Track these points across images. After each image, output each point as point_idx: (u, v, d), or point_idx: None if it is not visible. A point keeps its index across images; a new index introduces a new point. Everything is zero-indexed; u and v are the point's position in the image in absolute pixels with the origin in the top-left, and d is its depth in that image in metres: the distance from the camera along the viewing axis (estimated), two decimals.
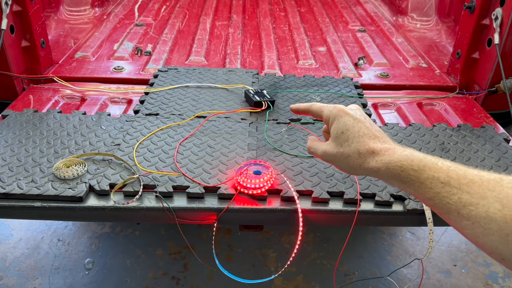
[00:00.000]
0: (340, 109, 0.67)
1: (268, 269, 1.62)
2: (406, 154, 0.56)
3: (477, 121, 1.28)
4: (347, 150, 0.63)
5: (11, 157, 0.99)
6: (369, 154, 0.60)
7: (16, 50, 1.34)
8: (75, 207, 0.88)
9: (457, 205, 0.47)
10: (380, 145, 0.60)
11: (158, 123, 1.16)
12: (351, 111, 0.66)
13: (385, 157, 0.58)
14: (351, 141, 0.63)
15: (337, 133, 0.65)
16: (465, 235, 0.47)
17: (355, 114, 0.65)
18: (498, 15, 1.29)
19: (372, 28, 2.05)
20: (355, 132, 0.63)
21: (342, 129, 0.64)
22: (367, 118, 0.66)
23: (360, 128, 0.63)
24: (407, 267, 1.64)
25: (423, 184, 0.51)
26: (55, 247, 1.68)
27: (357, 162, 0.61)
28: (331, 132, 0.67)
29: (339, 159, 0.64)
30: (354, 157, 0.62)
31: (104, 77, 1.48)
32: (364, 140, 0.62)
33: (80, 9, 2.03)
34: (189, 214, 0.90)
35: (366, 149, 0.60)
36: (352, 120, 0.64)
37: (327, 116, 0.69)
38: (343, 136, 0.64)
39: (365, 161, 0.60)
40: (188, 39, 1.86)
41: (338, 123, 0.65)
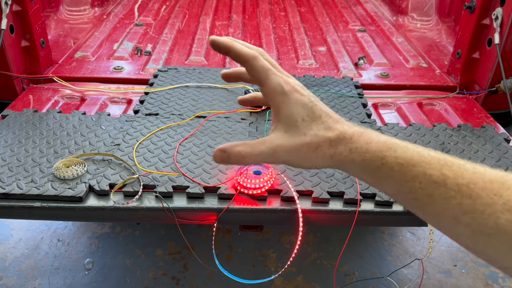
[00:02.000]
0: (292, 87, 0.48)
1: (268, 269, 1.62)
2: (384, 141, 0.44)
3: (477, 121, 1.27)
4: (316, 140, 0.46)
5: (10, 157, 0.99)
6: (340, 140, 0.46)
7: (16, 50, 1.34)
8: (75, 207, 0.88)
9: (455, 211, 0.39)
10: (348, 128, 0.47)
11: (158, 123, 1.16)
12: (303, 89, 0.49)
13: (360, 144, 0.45)
14: (317, 128, 0.47)
15: (295, 119, 0.47)
16: (457, 240, 0.41)
17: (309, 95, 0.49)
18: (498, 15, 1.29)
19: (372, 28, 2.04)
20: (317, 116, 0.47)
21: (301, 115, 0.47)
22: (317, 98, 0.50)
23: (320, 111, 0.48)
24: (407, 267, 1.64)
25: (410, 183, 0.41)
26: (55, 247, 1.68)
27: (328, 153, 0.46)
28: (281, 117, 0.48)
29: (305, 154, 0.47)
30: (324, 148, 0.46)
31: (104, 77, 1.48)
32: (329, 124, 0.47)
33: (80, 9, 2.03)
34: (189, 214, 0.90)
35: (337, 135, 0.46)
36: (309, 103, 0.48)
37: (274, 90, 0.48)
38: (304, 123, 0.47)
39: (336, 150, 0.46)
40: (188, 39, 1.85)
41: (294, 106, 0.48)
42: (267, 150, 0.48)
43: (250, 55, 0.49)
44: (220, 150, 0.48)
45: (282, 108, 0.48)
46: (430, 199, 0.41)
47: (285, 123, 0.48)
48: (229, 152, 0.48)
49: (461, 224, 0.39)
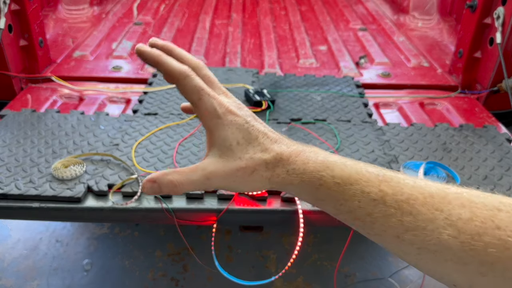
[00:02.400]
0: (226, 109, 0.45)
1: (269, 270, 1.61)
2: (321, 161, 0.43)
3: (479, 121, 1.26)
4: (251, 163, 0.44)
5: (9, 157, 0.98)
6: (277, 162, 0.44)
7: (14, 49, 1.33)
8: (74, 208, 0.87)
9: (397, 229, 0.38)
10: (286, 148, 0.45)
11: (157, 122, 1.15)
12: (239, 110, 0.46)
13: (297, 166, 0.43)
14: (252, 151, 0.44)
15: (230, 143, 0.45)
16: (403, 258, 0.40)
17: (245, 115, 0.46)
18: (500, 14, 1.28)
19: (373, 27, 2.04)
20: (253, 138, 0.45)
21: (236, 138, 0.45)
22: (255, 117, 0.47)
23: (257, 131, 0.45)
24: (409, 268, 1.63)
25: (348, 202, 0.40)
26: (54, 248, 1.67)
27: (264, 176, 0.44)
28: (217, 141, 0.45)
29: (241, 178, 0.45)
30: (261, 170, 0.44)
31: (102, 77, 1.47)
32: (266, 146, 0.45)
33: (79, 8, 2.02)
34: (188, 215, 0.89)
35: (273, 156, 0.44)
36: (245, 124, 0.45)
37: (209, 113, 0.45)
38: (239, 146, 0.45)
39: (273, 172, 0.44)
40: (187, 38, 1.84)
41: (229, 129, 0.45)
42: (200, 178, 0.45)
43: (181, 73, 0.44)
44: (149, 180, 0.44)
45: (215, 132, 0.45)
46: (370, 218, 0.39)
47: (219, 147, 0.45)
48: (160, 182, 0.44)
49: (404, 242, 0.38)
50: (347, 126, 1.17)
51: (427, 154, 1.07)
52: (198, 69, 0.46)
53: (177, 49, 0.46)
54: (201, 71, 0.47)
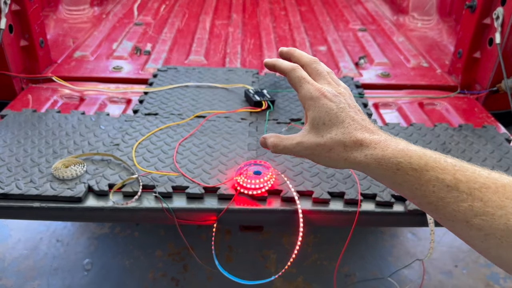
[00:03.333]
0: (321, 93, 0.55)
1: (268, 270, 1.61)
2: (401, 149, 0.48)
3: (478, 121, 1.27)
4: (330, 142, 0.53)
5: (9, 157, 0.99)
6: (356, 146, 0.51)
7: (14, 49, 1.33)
8: (74, 208, 0.87)
9: (467, 214, 0.41)
10: (369, 136, 0.51)
11: (158, 123, 1.15)
12: (334, 96, 0.55)
13: (376, 151, 0.49)
14: (335, 132, 0.53)
15: (317, 122, 0.55)
16: (472, 245, 0.43)
17: (339, 102, 0.55)
18: (500, 15, 1.29)
19: (373, 27, 2.04)
20: (339, 121, 0.53)
21: (323, 119, 0.54)
22: (352, 105, 0.56)
23: (345, 117, 0.53)
24: (408, 268, 1.63)
25: (423, 186, 0.44)
26: (54, 247, 1.67)
27: (341, 156, 0.52)
28: (308, 119, 0.56)
29: (320, 152, 0.54)
30: (338, 150, 0.52)
31: (103, 77, 1.47)
32: (349, 130, 0.52)
33: (79, 8, 2.02)
34: (188, 215, 0.89)
35: (353, 141, 0.51)
36: (335, 109, 0.54)
37: (304, 96, 0.57)
38: (325, 126, 0.54)
39: (351, 154, 0.51)
40: (187, 38, 1.85)
41: (318, 111, 0.55)
42: (290, 144, 0.58)
43: (287, 67, 0.59)
44: (263, 138, 0.62)
45: (309, 111, 0.56)
46: (442, 202, 0.43)
47: (309, 124, 0.56)
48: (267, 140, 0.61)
49: (473, 228, 0.41)
50: None
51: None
52: (308, 64, 0.60)
53: (296, 51, 0.62)
54: (311, 65, 0.60)
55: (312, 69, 0.59)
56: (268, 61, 0.62)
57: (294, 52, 0.62)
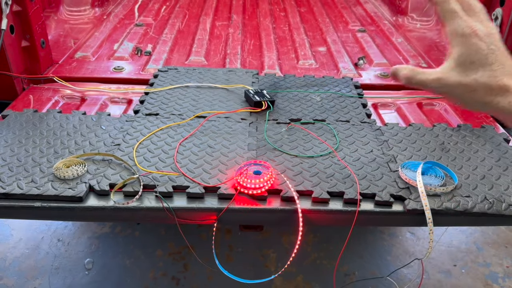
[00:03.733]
0: (473, 30, 0.53)
1: (268, 269, 1.62)
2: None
3: (477, 121, 1.27)
4: (475, 83, 0.52)
5: (11, 157, 0.99)
6: (502, 92, 0.51)
7: (16, 50, 1.34)
8: (75, 207, 0.88)
9: None
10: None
11: (158, 123, 1.16)
12: (486, 36, 0.53)
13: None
14: (481, 73, 0.52)
15: (464, 60, 0.53)
16: None
17: (490, 43, 0.53)
18: (498, 15, 1.29)
19: (372, 28, 2.05)
20: (488, 63, 0.52)
21: (472, 58, 0.53)
22: (503, 48, 0.54)
23: (494, 59, 0.52)
24: (407, 267, 1.64)
25: None
26: (55, 247, 1.68)
27: (484, 99, 0.52)
28: (455, 56, 0.54)
29: (461, 92, 0.53)
30: (481, 92, 0.52)
31: (104, 77, 1.48)
32: (497, 74, 0.51)
33: (80, 9, 2.03)
34: (189, 214, 0.90)
35: (499, 86, 0.51)
36: (486, 49, 0.52)
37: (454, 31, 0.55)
38: (472, 66, 0.52)
39: (494, 99, 0.51)
40: (188, 39, 1.85)
41: (468, 49, 0.53)
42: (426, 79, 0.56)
43: None
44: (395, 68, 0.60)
45: (457, 47, 0.54)
46: None
47: (455, 61, 0.54)
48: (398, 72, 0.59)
49: None
50: (346, 126, 1.18)
51: (425, 154, 1.08)
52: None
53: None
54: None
55: (465, 1, 0.56)
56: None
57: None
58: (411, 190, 0.93)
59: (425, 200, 0.88)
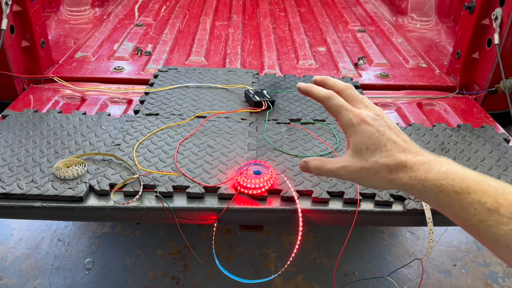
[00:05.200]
0: (361, 119, 0.56)
1: (268, 269, 1.62)
2: (444, 171, 0.49)
3: (477, 121, 1.28)
4: (375, 165, 0.54)
5: (11, 157, 0.99)
6: (401, 168, 0.53)
7: (16, 50, 1.34)
8: (75, 207, 0.88)
9: (507, 238, 0.41)
10: (412, 157, 0.53)
11: (158, 123, 1.16)
12: (374, 120, 0.57)
13: (419, 173, 0.50)
14: (379, 156, 0.54)
15: (360, 147, 0.56)
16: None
17: (379, 125, 0.56)
18: (498, 15, 1.29)
19: (372, 28, 2.05)
20: (382, 145, 0.55)
21: (366, 144, 0.55)
22: (392, 126, 0.58)
23: (386, 140, 0.55)
24: (407, 267, 1.64)
25: (465, 209, 0.45)
26: (55, 247, 1.68)
27: (387, 178, 0.54)
28: (351, 145, 0.58)
29: (366, 176, 0.56)
30: (383, 173, 0.54)
31: (104, 77, 1.48)
32: (393, 153, 0.54)
33: (80, 9, 2.03)
34: (189, 214, 0.90)
35: (397, 163, 0.53)
36: (376, 133, 0.55)
37: (345, 123, 0.58)
38: (368, 151, 0.55)
39: (396, 176, 0.53)
40: (188, 39, 1.86)
41: (360, 136, 0.56)
42: (334, 168, 0.59)
43: (325, 96, 0.60)
44: (303, 161, 0.63)
45: (350, 138, 0.57)
46: (483, 225, 0.43)
47: (352, 150, 0.57)
48: (308, 163, 0.62)
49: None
50: None
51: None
52: (344, 90, 0.61)
53: (330, 79, 0.63)
54: (346, 91, 0.61)
55: (347, 95, 0.60)
56: (302, 87, 0.63)
57: (328, 80, 0.63)
58: None
59: None
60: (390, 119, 0.60)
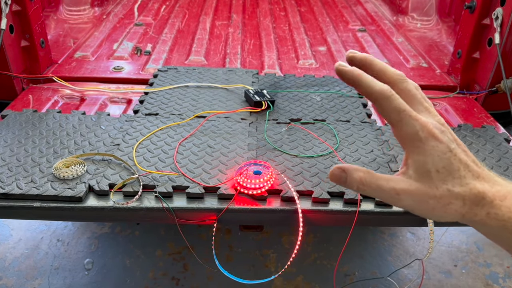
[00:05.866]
0: (430, 132, 0.43)
1: (268, 269, 1.62)
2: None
3: (477, 121, 1.27)
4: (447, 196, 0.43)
5: (10, 157, 0.99)
6: (477, 201, 0.42)
7: (15, 50, 1.34)
8: (75, 207, 0.88)
9: None
10: (489, 188, 0.43)
11: (158, 123, 1.16)
12: (442, 134, 0.43)
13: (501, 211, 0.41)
14: (451, 184, 0.43)
15: (429, 170, 0.43)
16: None
17: (448, 141, 0.43)
18: (499, 15, 1.29)
19: (372, 28, 2.04)
20: (455, 169, 0.43)
21: (436, 166, 0.43)
22: (458, 140, 0.45)
23: (459, 163, 0.43)
24: (408, 268, 1.64)
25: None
26: (55, 247, 1.68)
27: (459, 212, 0.43)
28: (414, 164, 0.44)
29: (433, 207, 0.43)
30: (456, 206, 0.43)
31: (103, 77, 1.48)
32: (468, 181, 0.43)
33: (80, 8, 2.03)
34: (189, 214, 0.90)
35: (474, 194, 0.42)
36: (448, 152, 0.43)
37: (408, 135, 0.43)
38: (439, 175, 0.43)
39: (471, 211, 0.43)
40: (188, 39, 1.85)
41: (429, 155, 0.43)
42: (390, 189, 0.44)
43: (381, 94, 0.43)
44: (340, 168, 0.46)
45: (415, 155, 0.44)
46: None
47: (416, 170, 0.44)
48: (349, 174, 0.45)
49: None
50: (346, 126, 1.18)
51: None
52: (398, 83, 0.46)
53: (377, 62, 0.46)
54: (401, 84, 0.46)
55: (403, 89, 0.46)
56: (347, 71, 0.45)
57: (373, 62, 0.46)
58: None
59: None
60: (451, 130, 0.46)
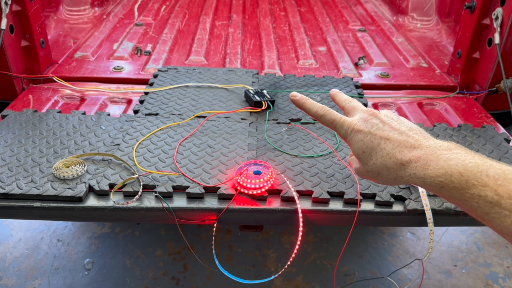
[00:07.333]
0: (353, 128, 0.60)
1: (268, 269, 1.62)
2: (442, 166, 0.48)
3: (477, 121, 1.27)
4: (375, 167, 0.57)
5: (10, 157, 0.99)
6: (398, 167, 0.54)
7: (15, 50, 1.34)
8: (75, 207, 0.88)
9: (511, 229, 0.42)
10: (407, 153, 0.53)
11: (158, 123, 1.16)
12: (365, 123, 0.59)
13: (417, 171, 0.51)
14: (375, 157, 0.57)
15: (358, 153, 0.60)
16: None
17: (370, 126, 0.59)
18: (499, 15, 1.29)
19: (372, 28, 2.04)
20: (376, 145, 0.57)
21: (362, 149, 0.58)
22: (387, 121, 0.59)
23: (379, 140, 0.57)
24: (408, 268, 1.64)
25: (468, 202, 0.46)
26: (55, 247, 1.68)
27: (391, 177, 0.56)
28: (352, 152, 0.62)
29: (373, 176, 0.59)
30: (385, 173, 0.56)
31: (103, 77, 1.48)
32: (388, 151, 0.55)
33: (80, 8, 2.03)
34: (189, 214, 0.90)
35: (393, 162, 0.54)
36: (368, 135, 0.58)
37: (342, 135, 0.63)
38: (365, 154, 0.58)
39: (397, 174, 0.54)
40: (188, 39, 1.85)
41: (355, 143, 0.60)
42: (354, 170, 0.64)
43: (318, 113, 0.65)
44: None
45: (351, 146, 0.61)
46: (488, 217, 0.44)
47: (355, 156, 0.61)
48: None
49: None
50: None
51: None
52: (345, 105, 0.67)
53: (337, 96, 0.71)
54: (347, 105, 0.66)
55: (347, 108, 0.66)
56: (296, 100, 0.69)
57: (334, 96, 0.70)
58: (412, 190, 0.93)
59: (426, 200, 0.88)
60: (391, 113, 0.61)
